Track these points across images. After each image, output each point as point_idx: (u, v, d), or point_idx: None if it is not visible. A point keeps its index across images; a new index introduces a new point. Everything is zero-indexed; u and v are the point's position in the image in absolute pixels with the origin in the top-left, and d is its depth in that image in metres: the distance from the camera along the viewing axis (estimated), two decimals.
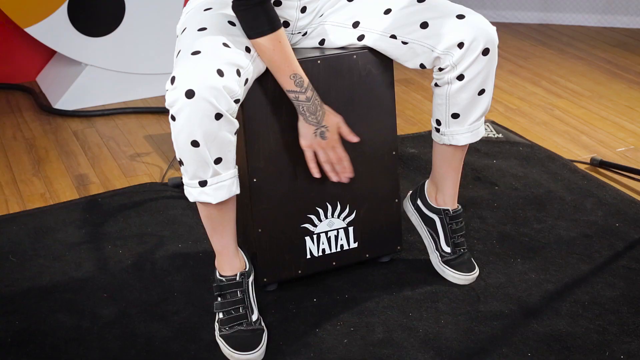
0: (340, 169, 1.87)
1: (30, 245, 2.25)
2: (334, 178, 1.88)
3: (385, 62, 1.95)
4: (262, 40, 1.72)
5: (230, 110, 1.65)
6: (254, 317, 1.83)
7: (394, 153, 2.01)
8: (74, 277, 2.10)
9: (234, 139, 1.70)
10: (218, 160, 1.69)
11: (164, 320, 1.92)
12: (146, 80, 3.35)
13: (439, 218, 2.06)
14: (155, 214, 2.40)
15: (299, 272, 2.01)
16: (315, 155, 1.85)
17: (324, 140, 1.82)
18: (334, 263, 2.04)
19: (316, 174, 1.86)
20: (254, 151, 1.88)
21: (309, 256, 2.00)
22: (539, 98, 3.29)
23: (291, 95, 1.78)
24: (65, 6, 3.12)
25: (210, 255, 2.14)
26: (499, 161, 2.68)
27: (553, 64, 3.67)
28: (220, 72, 1.62)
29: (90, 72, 3.26)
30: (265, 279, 1.98)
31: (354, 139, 1.86)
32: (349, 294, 2.00)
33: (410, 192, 2.16)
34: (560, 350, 1.79)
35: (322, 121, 1.81)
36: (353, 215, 2.02)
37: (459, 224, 2.06)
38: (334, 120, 1.83)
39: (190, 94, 1.60)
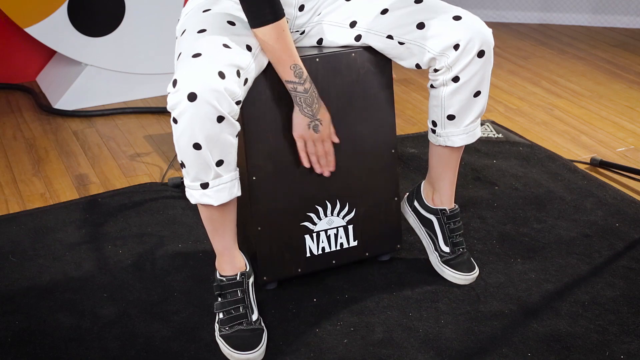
0: (324, 163, 1.89)
1: (30, 245, 2.25)
2: (317, 170, 1.90)
3: (383, 61, 1.95)
4: (266, 30, 1.71)
5: (232, 112, 1.66)
6: (254, 317, 1.83)
7: (393, 151, 2.01)
8: (74, 277, 2.10)
9: (235, 141, 1.70)
10: (219, 163, 1.69)
11: (164, 320, 1.92)
12: (146, 80, 3.35)
13: (437, 218, 2.06)
14: (155, 214, 2.40)
15: (299, 270, 2.01)
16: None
17: (317, 134, 1.84)
18: (333, 261, 2.04)
19: (306, 163, 1.89)
20: (253, 149, 1.88)
21: (308, 254, 2.01)
22: (539, 98, 3.29)
23: (289, 86, 1.79)
24: (65, 6, 3.12)
25: (210, 255, 2.14)
26: (499, 161, 2.68)
27: (553, 64, 3.67)
28: (221, 75, 1.62)
29: (90, 72, 3.26)
30: (265, 278, 1.98)
31: (335, 139, 1.88)
32: (348, 294, 2.00)
33: (407, 194, 2.16)
34: (560, 350, 1.79)
35: (317, 114, 1.82)
36: (352, 214, 2.02)
37: (457, 223, 2.06)
38: (327, 115, 1.84)
39: (192, 96, 1.60)
